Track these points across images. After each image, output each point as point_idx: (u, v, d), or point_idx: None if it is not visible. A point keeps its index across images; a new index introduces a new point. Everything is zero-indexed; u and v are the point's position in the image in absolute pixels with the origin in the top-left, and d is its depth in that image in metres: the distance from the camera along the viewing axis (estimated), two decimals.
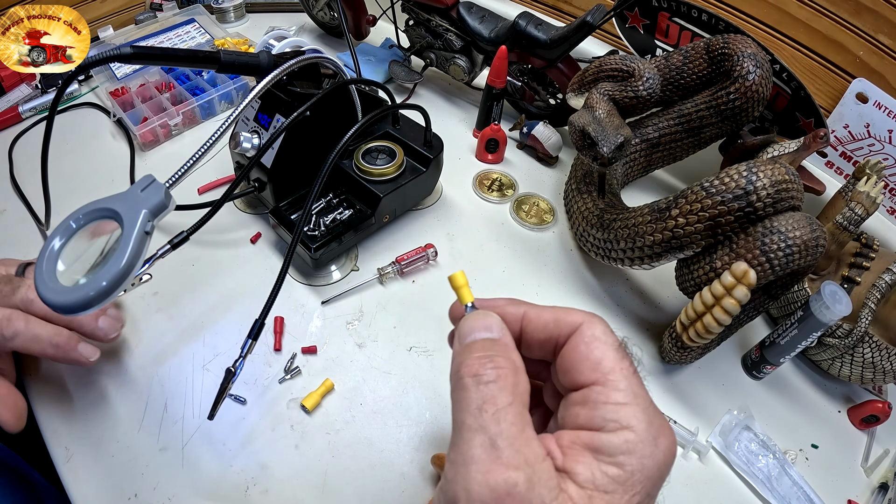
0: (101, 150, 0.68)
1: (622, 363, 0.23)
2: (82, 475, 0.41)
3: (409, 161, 0.58)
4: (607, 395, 0.22)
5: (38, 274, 0.33)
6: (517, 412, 0.22)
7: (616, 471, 0.21)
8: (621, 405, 0.22)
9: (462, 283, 0.28)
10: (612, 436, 0.21)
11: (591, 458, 0.21)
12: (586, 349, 0.24)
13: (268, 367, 0.48)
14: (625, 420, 0.21)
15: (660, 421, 0.22)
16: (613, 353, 0.24)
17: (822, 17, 0.58)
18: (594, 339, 0.24)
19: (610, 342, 0.24)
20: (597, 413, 0.22)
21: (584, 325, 0.24)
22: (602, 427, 0.22)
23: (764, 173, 0.41)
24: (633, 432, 0.21)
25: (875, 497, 0.46)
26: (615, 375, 0.23)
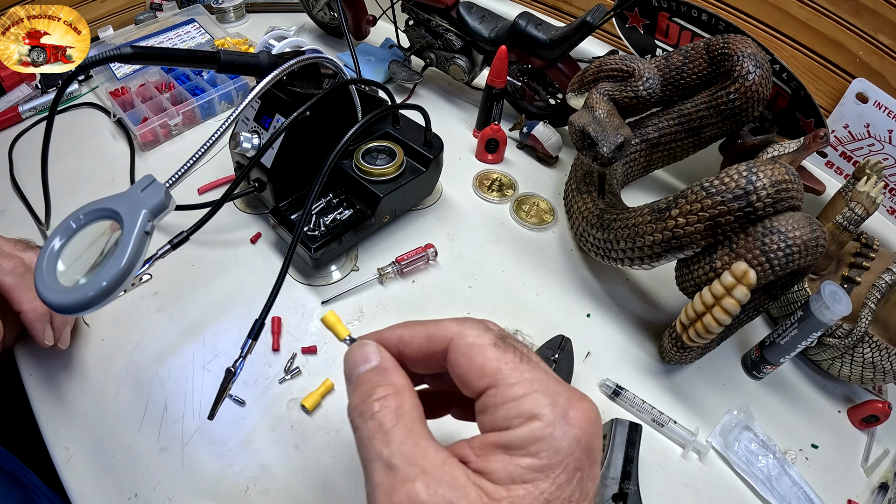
0: (101, 150, 0.68)
1: (505, 356, 0.23)
2: (82, 475, 0.41)
3: (409, 161, 0.58)
4: (502, 395, 0.22)
5: (39, 274, 0.33)
6: (406, 430, 0.22)
7: (530, 460, 0.21)
8: (519, 398, 0.22)
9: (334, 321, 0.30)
10: (518, 430, 0.21)
11: (503, 455, 0.21)
12: (466, 360, 0.24)
13: (268, 367, 0.48)
14: (527, 411, 0.21)
15: (566, 394, 0.22)
16: (492, 351, 0.23)
17: (822, 17, 0.58)
18: (469, 347, 0.24)
19: (486, 342, 0.24)
20: (498, 415, 0.22)
21: (456, 338, 0.24)
22: (508, 425, 0.22)
23: (764, 173, 0.41)
24: (538, 420, 0.21)
25: (875, 497, 0.46)
26: (503, 373, 0.23)
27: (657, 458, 0.46)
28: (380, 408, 0.23)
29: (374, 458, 0.22)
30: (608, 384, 0.48)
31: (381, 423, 0.23)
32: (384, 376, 0.25)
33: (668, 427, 0.46)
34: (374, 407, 0.23)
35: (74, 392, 0.45)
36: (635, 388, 0.49)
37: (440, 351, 0.25)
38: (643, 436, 0.43)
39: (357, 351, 0.27)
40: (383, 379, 0.25)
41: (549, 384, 0.22)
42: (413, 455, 0.21)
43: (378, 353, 0.26)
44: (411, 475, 0.21)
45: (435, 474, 0.21)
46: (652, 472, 0.44)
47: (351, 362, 0.26)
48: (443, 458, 0.21)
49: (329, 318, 0.30)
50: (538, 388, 0.22)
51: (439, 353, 0.25)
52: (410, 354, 0.26)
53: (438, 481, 0.20)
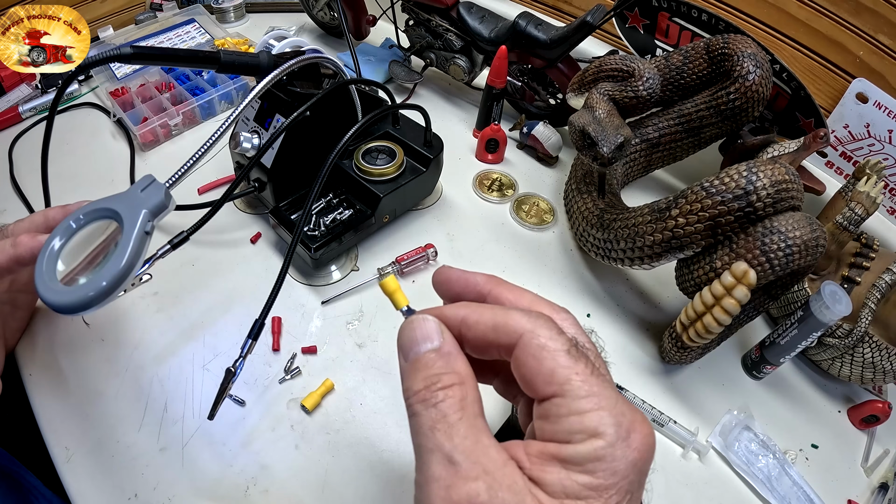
0: (101, 150, 0.68)
1: (577, 366, 0.22)
2: (82, 475, 0.41)
3: (409, 161, 0.58)
4: (568, 407, 0.22)
5: (38, 274, 0.33)
6: (469, 424, 0.22)
7: (587, 478, 0.20)
8: (585, 413, 0.21)
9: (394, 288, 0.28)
10: (580, 446, 0.21)
11: (560, 468, 0.21)
12: (536, 363, 0.23)
13: (268, 367, 0.48)
14: (591, 428, 0.21)
15: (630, 416, 0.22)
16: (565, 358, 0.22)
17: (822, 17, 0.58)
18: (541, 349, 0.23)
19: (559, 346, 0.23)
20: (560, 427, 0.22)
21: (527, 335, 0.23)
22: (569, 439, 0.21)
23: (764, 173, 0.41)
24: (601, 439, 0.21)
25: (875, 497, 0.46)
26: (572, 384, 0.22)
27: (657, 458, 0.45)
28: (444, 397, 0.22)
29: (434, 449, 0.21)
30: None
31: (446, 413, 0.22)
32: (448, 362, 0.24)
33: (668, 427, 0.46)
34: (439, 396, 0.22)
35: (74, 392, 0.45)
36: (635, 388, 0.49)
37: (506, 344, 0.24)
38: None
39: (417, 326, 0.25)
40: (447, 365, 0.24)
41: (617, 403, 0.22)
42: (476, 453, 0.21)
43: (440, 333, 0.25)
44: (473, 474, 0.20)
45: (496, 476, 0.20)
46: (652, 472, 0.44)
47: (409, 338, 0.25)
48: (504, 459, 0.21)
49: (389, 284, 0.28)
50: (605, 405, 0.21)
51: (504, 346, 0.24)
52: (472, 339, 0.25)
53: (500, 484, 0.20)
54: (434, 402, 0.22)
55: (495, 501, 0.20)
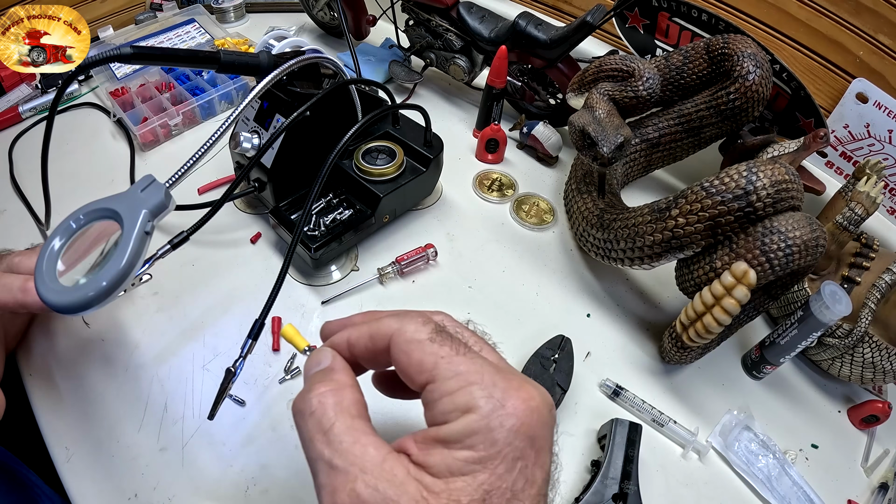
0: (101, 150, 0.68)
1: (441, 350, 0.23)
2: (82, 475, 0.41)
3: (409, 161, 0.58)
4: (439, 390, 0.23)
5: (38, 274, 0.33)
6: (346, 426, 0.22)
7: (467, 453, 0.21)
8: (455, 392, 0.22)
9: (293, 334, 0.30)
10: (454, 424, 0.22)
11: (442, 449, 0.22)
12: (406, 357, 0.24)
13: (268, 367, 0.48)
14: (462, 405, 0.22)
15: (504, 384, 0.22)
16: (429, 346, 0.24)
17: (822, 17, 0.58)
18: (408, 343, 0.24)
19: (423, 336, 0.24)
20: (437, 410, 0.23)
21: (395, 334, 0.25)
22: (445, 420, 0.22)
23: (764, 173, 0.41)
24: (473, 413, 0.21)
25: (875, 497, 0.46)
26: (438, 367, 0.23)
27: (657, 458, 0.46)
28: (317, 404, 0.23)
29: (317, 458, 0.22)
30: (608, 384, 0.48)
31: (320, 420, 0.23)
32: (326, 374, 0.25)
33: (668, 427, 0.46)
34: (312, 403, 0.23)
35: (74, 392, 0.45)
36: (635, 388, 0.49)
37: (383, 348, 0.25)
38: (643, 436, 0.43)
39: (311, 357, 0.27)
40: (325, 377, 0.25)
41: (486, 375, 0.22)
42: (353, 454, 0.21)
43: (329, 356, 0.27)
44: (352, 475, 0.21)
45: (375, 472, 0.21)
46: (652, 472, 0.44)
47: (305, 369, 0.27)
48: (383, 454, 0.22)
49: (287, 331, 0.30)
50: (474, 380, 0.22)
51: (383, 351, 0.25)
52: (360, 355, 0.27)
53: (378, 479, 0.21)
54: (309, 411, 0.23)
55: (375, 497, 0.20)
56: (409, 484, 0.21)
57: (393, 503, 0.20)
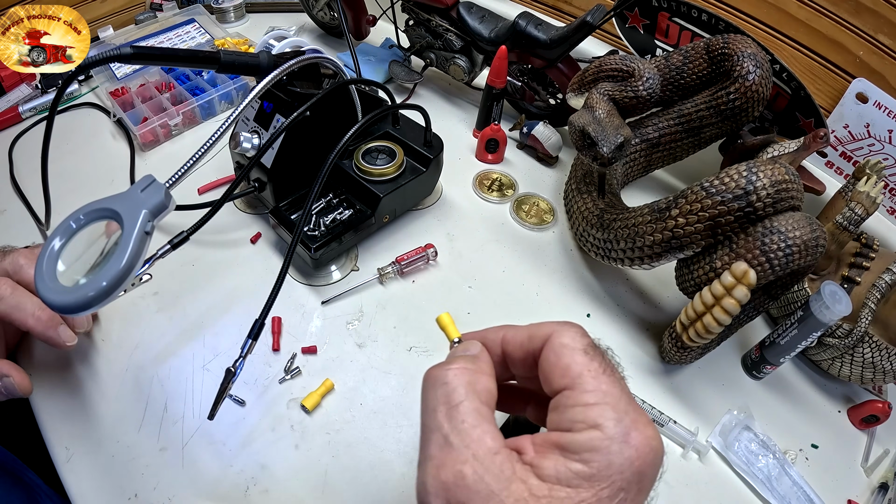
0: (101, 150, 0.68)
1: (591, 364, 0.24)
2: (82, 475, 0.41)
3: (409, 161, 0.58)
4: (576, 398, 0.23)
5: (39, 274, 0.33)
6: (471, 409, 0.23)
7: (581, 467, 0.21)
8: (589, 406, 0.22)
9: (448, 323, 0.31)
10: (578, 435, 0.22)
11: (559, 455, 0.22)
12: (555, 357, 0.25)
13: (268, 367, 0.48)
14: (592, 420, 0.22)
15: (633, 416, 0.23)
16: (581, 356, 0.24)
17: (822, 17, 0.58)
18: (562, 346, 0.25)
19: (578, 346, 0.25)
20: (565, 416, 0.23)
21: (554, 335, 0.25)
22: (570, 428, 0.22)
23: (764, 173, 0.41)
24: (599, 430, 0.22)
25: (875, 497, 0.46)
26: (583, 378, 0.23)
27: None
28: (452, 377, 0.24)
29: (435, 429, 0.23)
30: None
31: (450, 394, 0.23)
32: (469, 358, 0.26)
33: (668, 427, 0.46)
34: (448, 375, 0.24)
35: (74, 392, 0.45)
36: (635, 388, 0.49)
37: (538, 348, 0.26)
38: None
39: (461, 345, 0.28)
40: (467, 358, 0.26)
41: (622, 402, 0.23)
42: (471, 437, 0.22)
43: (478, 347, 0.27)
44: (463, 458, 0.21)
45: (485, 462, 0.21)
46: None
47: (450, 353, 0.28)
48: (497, 447, 0.22)
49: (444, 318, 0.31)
50: (609, 401, 0.23)
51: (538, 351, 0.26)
52: (512, 352, 0.27)
53: (487, 470, 0.21)
54: (443, 380, 0.24)
55: (479, 486, 0.21)
56: (514, 482, 0.21)
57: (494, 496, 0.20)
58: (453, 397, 0.23)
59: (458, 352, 0.27)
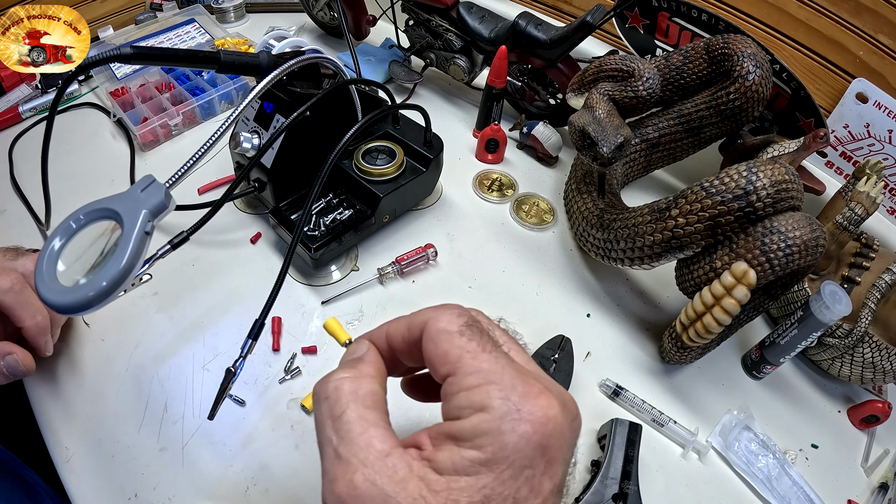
0: (101, 150, 0.68)
1: (468, 345, 0.23)
2: (82, 475, 0.41)
3: (409, 161, 0.58)
4: (458, 383, 0.22)
5: (39, 274, 0.33)
6: (355, 416, 0.22)
7: (475, 453, 0.21)
8: (472, 389, 0.22)
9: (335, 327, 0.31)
10: (466, 421, 0.21)
11: (452, 445, 0.21)
12: (433, 345, 0.24)
13: (268, 367, 0.48)
14: (477, 403, 0.21)
15: (523, 388, 0.22)
16: (458, 339, 0.23)
17: (822, 17, 0.58)
18: (438, 332, 0.24)
19: (454, 328, 0.24)
20: (452, 404, 0.22)
21: (430, 322, 0.24)
22: (459, 415, 0.22)
23: (764, 173, 0.41)
24: (486, 412, 0.21)
25: (875, 497, 0.46)
26: (462, 361, 0.23)
27: (657, 458, 0.46)
28: (333, 389, 0.23)
29: (325, 444, 0.22)
30: (608, 384, 0.48)
31: (333, 406, 0.23)
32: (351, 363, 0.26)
33: (668, 427, 0.46)
34: (329, 388, 0.24)
35: (74, 392, 0.45)
36: (635, 388, 0.49)
37: (418, 338, 0.25)
38: (643, 436, 0.43)
39: (349, 348, 0.27)
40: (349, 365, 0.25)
41: (507, 377, 0.22)
42: (358, 445, 0.21)
43: (365, 347, 0.27)
44: (353, 466, 0.21)
45: (376, 466, 0.21)
46: (652, 472, 0.44)
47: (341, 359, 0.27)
48: (387, 448, 0.21)
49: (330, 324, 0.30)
50: (493, 379, 0.22)
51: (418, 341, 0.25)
52: (396, 346, 0.26)
53: (378, 473, 0.20)
54: (323, 397, 0.24)
55: (373, 491, 0.20)
56: (410, 481, 0.20)
57: (390, 499, 0.20)
58: (336, 408, 0.23)
59: (346, 356, 0.27)
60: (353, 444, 0.21)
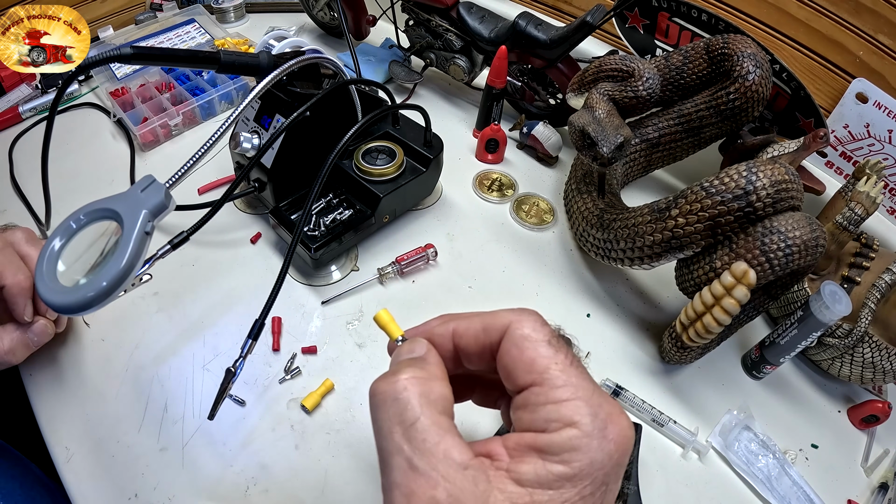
0: (101, 150, 0.68)
1: (557, 357, 0.23)
2: (82, 475, 0.41)
3: (409, 161, 0.58)
4: (546, 395, 0.22)
5: (39, 274, 0.33)
6: (429, 424, 0.21)
7: (562, 468, 0.20)
8: (562, 402, 0.21)
9: (388, 321, 0.28)
10: (555, 435, 0.21)
11: (537, 458, 0.21)
12: (518, 352, 0.23)
13: (268, 367, 0.48)
14: (567, 417, 0.21)
15: (608, 408, 0.22)
16: (545, 349, 0.23)
17: (822, 17, 0.58)
18: (523, 339, 0.23)
19: (541, 338, 0.23)
20: (537, 416, 0.22)
21: (512, 326, 0.24)
22: (545, 428, 0.21)
23: (764, 173, 0.41)
24: (576, 428, 0.21)
25: (875, 497, 0.46)
26: (550, 373, 0.22)
27: (657, 458, 0.46)
28: (403, 391, 0.22)
29: (395, 452, 0.21)
30: (608, 384, 0.48)
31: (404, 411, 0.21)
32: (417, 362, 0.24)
33: (668, 427, 0.46)
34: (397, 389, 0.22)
35: (74, 392, 0.45)
36: (635, 388, 0.49)
37: (496, 341, 0.24)
38: (643, 436, 0.43)
39: (406, 346, 0.26)
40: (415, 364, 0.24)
41: (594, 394, 0.22)
42: (436, 457, 0.20)
43: (424, 347, 0.25)
44: (433, 480, 0.20)
45: (457, 481, 0.20)
46: (652, 472, 0.44)
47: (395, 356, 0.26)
48: (466, 460, 0.21)
49: (382, 316, 0.28)
50: (582, 395, 0.22)
51: (495, 343, 0.24)
52: (465, 347, 0.25)
53: (461, 488, 0.20)
54: (393, 397, 0.22)
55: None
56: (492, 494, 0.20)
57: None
58: (408, 414, 0.21)
59: (403, 354, 0.25)
60: (431, 456, 0.20)
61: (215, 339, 0.49)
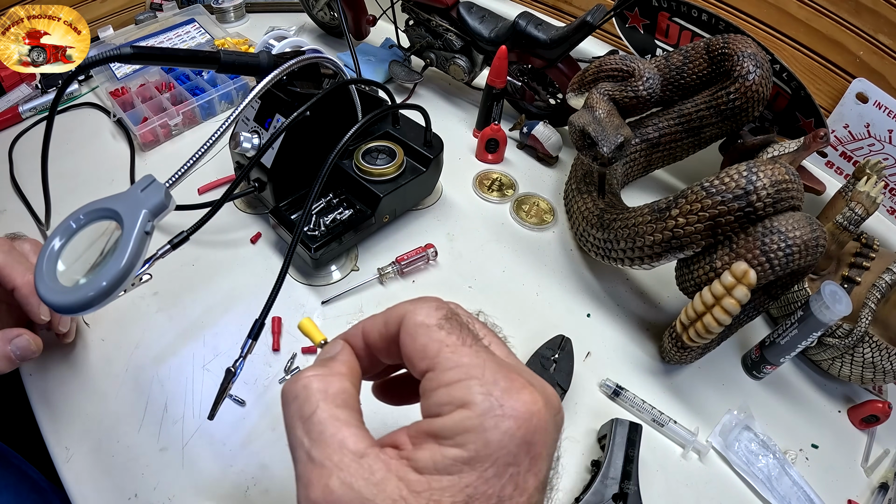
0: (101, 150, 0.68)
1: (448, 339, 0.22)
2: (82, 475, 0.41)
3: (409, 161, 0.58)
4: (437, 379, 0.21)
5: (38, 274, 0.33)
6: (326, 416, 0.21)
7: (457, 451, 0.20)
8: (452, 384, 0.21)
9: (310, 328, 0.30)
10: (447, 418, 0.20)
11: (433, 444, 0.20)
12: (411, 339, 0.23)
13: (268, 367, 0.48)
14: (458, 398, 0.20)
15: (504, 384, 0.21)
16: (437, 332, 0.22)
17: (822, 17, 0.58)
18: (416, 326, 0.23)
19: (432, 322, 0.23)
20: (432, 401, 0.21)
21: (407, 316, 0.24)
22: (439, 412, 0.21)
23: (764, 173, 0.41)
24: (467, 409, 0.20)
25: (875, 497, 0.46)
26: (441, 356, 0.22)
27: (657, 458, 0.46)
28: (302, 389, 0.23)
29: (297, 446, 0.21)
30: (608, 384, 0.48)
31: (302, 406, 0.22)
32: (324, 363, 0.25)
33: (669, 427, 0.46)
34: (297, 388, 0.23)
35: (74, 392, 0.45)
36: (635, 388, 0.49)
37: (395, 332, 0.24)
38: (643, 436, 0.43)
39: (324, 349, 0.26)
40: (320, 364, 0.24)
41: (488, 371, 0.21)
42: (331, 447, 0.20)
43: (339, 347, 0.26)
44: (328, 469, 0.20)
45: (351, 469, 0.20)
46: (652, 472, 0.44)
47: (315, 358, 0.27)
48: (362, 448, 0.21)
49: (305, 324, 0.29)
50: (474, 374, 0.21)
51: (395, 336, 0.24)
52: (373, 343, 0.26)
53: (355, 476, 0.20)
54: (294, 394, 0.23)
55: (350, 495, 0.19)
56: (389, 482, 0.20)
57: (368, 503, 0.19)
58: (305, 408, 0.22)
59: (320, 356, 0.26)
60: (326, 446, 0.21)
61: (215, 339, 0.49)
